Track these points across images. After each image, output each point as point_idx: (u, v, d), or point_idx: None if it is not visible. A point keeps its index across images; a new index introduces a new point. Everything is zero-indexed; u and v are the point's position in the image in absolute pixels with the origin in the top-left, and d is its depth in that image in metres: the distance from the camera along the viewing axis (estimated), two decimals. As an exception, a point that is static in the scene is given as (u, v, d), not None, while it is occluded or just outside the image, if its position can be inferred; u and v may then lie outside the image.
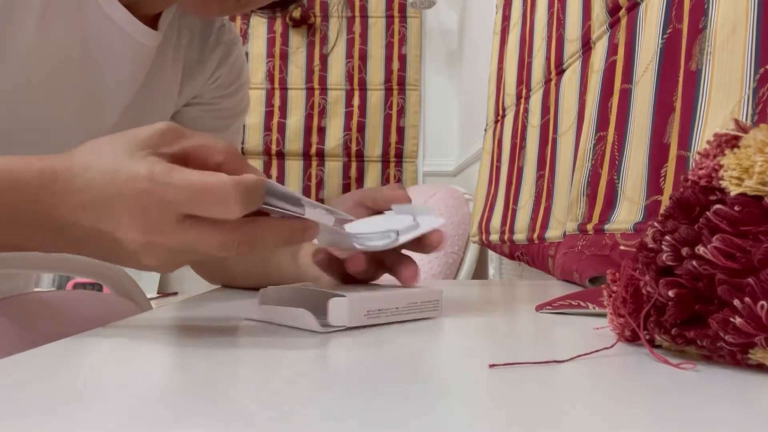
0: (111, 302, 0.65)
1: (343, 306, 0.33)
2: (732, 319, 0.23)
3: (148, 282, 2.12)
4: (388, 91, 2.28)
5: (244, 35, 2.28)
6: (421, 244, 0.44)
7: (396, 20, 2.30)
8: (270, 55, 2.27)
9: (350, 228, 0.43)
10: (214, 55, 0.66)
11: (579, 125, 0.87)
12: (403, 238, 0.41)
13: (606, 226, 0.70)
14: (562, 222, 0.89)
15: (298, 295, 0.37)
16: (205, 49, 0.65)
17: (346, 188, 2.27)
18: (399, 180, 2.27)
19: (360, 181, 2.27)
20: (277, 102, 2.27)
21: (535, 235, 0.99)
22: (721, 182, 0.25)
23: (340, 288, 0.38)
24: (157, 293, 2.10)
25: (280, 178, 2.26)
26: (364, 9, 2.28)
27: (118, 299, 0.65)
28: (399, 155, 2.28)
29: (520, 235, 1.08)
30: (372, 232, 0.42)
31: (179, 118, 0.66)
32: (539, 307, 0.43)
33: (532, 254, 1.02)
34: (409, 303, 0.36)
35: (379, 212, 0.48)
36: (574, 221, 0.80)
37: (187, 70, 0.64)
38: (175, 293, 2.17)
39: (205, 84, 0.66)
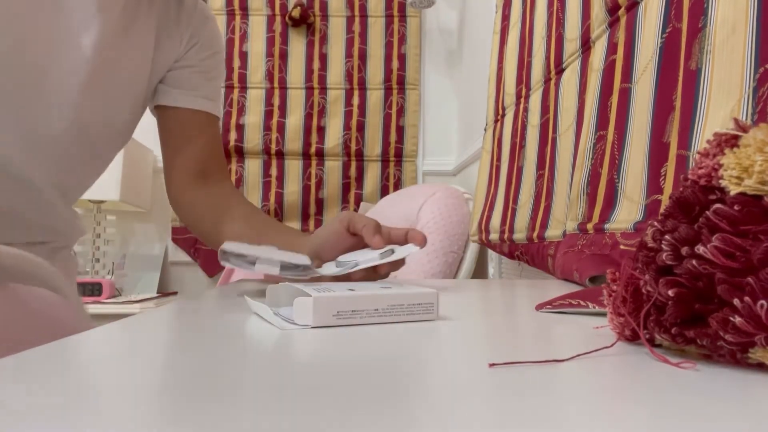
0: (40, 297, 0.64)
1: (308, 305, 0.33)
2: (732, 319, 0.23)
3: (148, 282, 2.12)
4: (388, 90, 2.28)
5: (244, 35, 2.28)
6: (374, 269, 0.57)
7: (395, 19, 2.29)
8: (269, 54, 2.27)
9: (341, 257, 0.57)
10: (192, 20, 0.74)
11: (579, 124, 0.87)
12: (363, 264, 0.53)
13: (606, 226, 0.70)
14: (562, 221, 0.89)
15: (298, 292, 0.37)
16: (182, 12, 0.73)
17: (345, 188, 2.27)
18: (398, 180, 2.27)
19: (360, 180, 2.27)
20: (276, 101, 2.27)
21: (535, 235, 0.99)
22: (720, 181, 0.25)
23: (327, 286, 0.39)
24: (157, 293, 2.10)
25: (280, 178, 2.26)
26: (363, 8, 2.28)
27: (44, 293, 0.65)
28: (399, 155, 2.28)
29: (519, 235, 1.08)
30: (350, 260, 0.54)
31: (171, 81, 0.75)
32: (539, 307, 0.43)
33: (531, 253, 1.02)
34: (392, 305, 0.35)
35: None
36: (574, 220, 0.80)
37: (162, 27, 0.71)
38: (175, 293, 2.17)
39: (186, 48, 0.75)
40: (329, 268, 0.55)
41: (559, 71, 0.97)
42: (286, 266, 0.50)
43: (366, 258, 0.54)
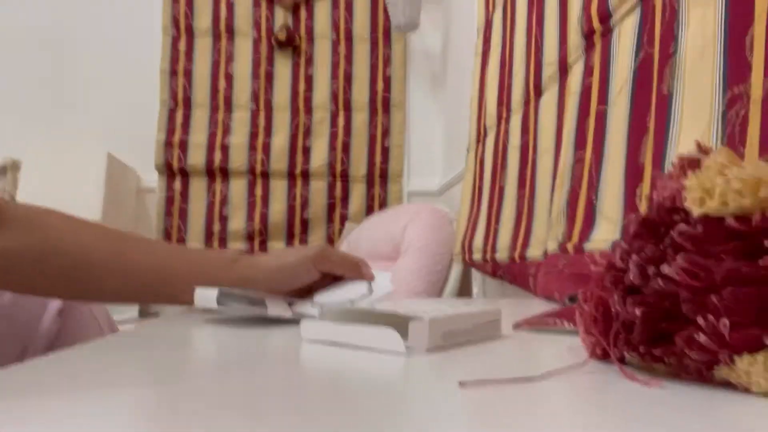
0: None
1: (424, 328, 0.32)
2: (696, 337, 0.23)
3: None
4: (373, 111, 2.30)
5: (230, 56, 2.29)
6: None
7: (380, 42, 2.33)
8: (255, 75, 2.28)
9: (316, 298, 0.53)
10: None
11: (557, 146, 0.89)
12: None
13: (585, 245, 0.71)
14: (543, 241, 0.90)
15: (352, 316, 0.36)
16: None
17: (330, 208, 2.27)
18: (384, 200, 2.28)
19: (345, 200, 2.27)
20: (262, 122, 2.27)
21: (517, 254, 1.00)
22: (684, 203, 0.26)
23: (397, 306, 0.38)
24: (138, 315, 2.06)
25: (265, 198, 2.25)
26: (349, 32, 2.31)
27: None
28: (384, 175, 2.29)
29: (501, 254, 1.09)
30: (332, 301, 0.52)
31: None
32: (517, 326, 0.43)
33: (513, 273, 1.03)
34: (474, 324, 0.36)
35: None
36: (555, 240, 0.81)
37: None
38: (156, 314, 2.14)
39: None
40: (305, 309, 0.50)
41: (539, 94, 0.99)
42: (294, 310, 0.48)
43: (346, 297, 0.51)
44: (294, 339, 0.36)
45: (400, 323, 0.31)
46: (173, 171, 2.24)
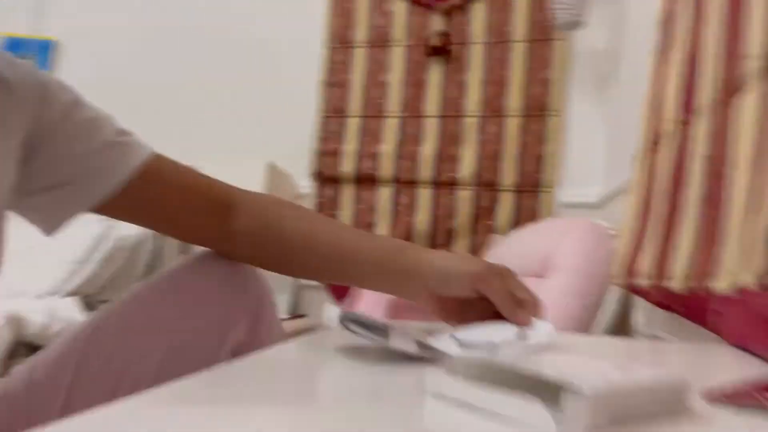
0: None
1: (583, 405, 0.24)
2: None
3: (279, 304, 2.21)
4: (528, 117, 2.17)
5: (383, 65, 2.33)
6: None
7: (539, 44, 2.19)
8: (408, 83, 2.29)
9: (456, 333, 0.46)
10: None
11: (761, 157, 0.72)
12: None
13: (800, 284, 0.56)
14: (734, 272, 0.74)
15: (491, 374, 0.29)
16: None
17: (476, 218, 2.18)
18: (534, 212, 2.13)
19: (491, 211, 2.17)
20: (411, 130, 2.27)
21: (697, 284, 0.84)
22: None
23: (551, 365, 0.29)
24: (288, 314, 2.18)
25: (411, 207, 2.24)
26: (505, 34, 2.21)
27: None
28: (535, 185, 2.14)
29: (676, 282, 0.92)
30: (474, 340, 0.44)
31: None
32: (710, 397, 0.32)
33: (691, 306, 0.87)
34: (652, 399, 0.27)
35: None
36: (753, 273, 0.65)
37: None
38: (304, 316, 2.24)
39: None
40: (445, 345, 0.44)
41: (735, 93, 0.82)
42: (421, 345, 0.42)
43: (489, 339, 0.44)
44: (418, 388, 0.30)
45: (550, 392, 0.24)
46: (326, 178, 2.33)
